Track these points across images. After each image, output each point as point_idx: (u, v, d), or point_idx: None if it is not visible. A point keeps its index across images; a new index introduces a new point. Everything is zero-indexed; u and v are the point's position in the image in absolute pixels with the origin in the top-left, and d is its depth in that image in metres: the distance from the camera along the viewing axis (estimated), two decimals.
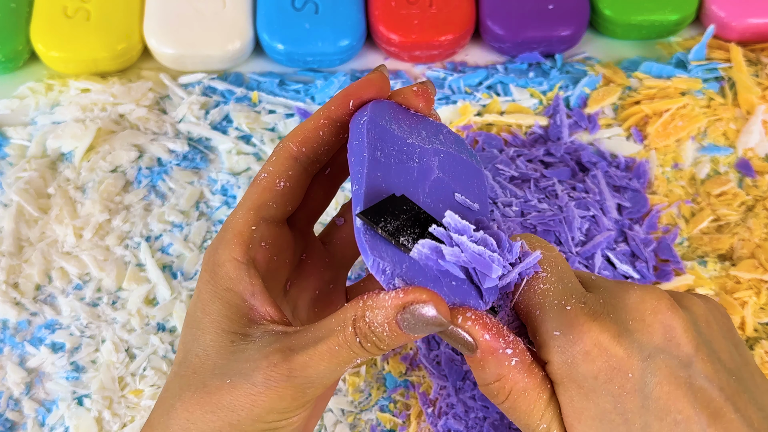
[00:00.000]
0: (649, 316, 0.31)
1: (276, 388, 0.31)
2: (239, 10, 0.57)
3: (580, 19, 0.57)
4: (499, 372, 0.32)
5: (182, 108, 0.56)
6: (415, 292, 0.30)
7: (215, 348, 0.33)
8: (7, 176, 0.53)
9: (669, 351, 0.31)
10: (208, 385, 0.32)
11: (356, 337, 0.31)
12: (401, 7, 0.57)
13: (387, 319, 0.30)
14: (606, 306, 0.32)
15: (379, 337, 0.31)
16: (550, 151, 0.54)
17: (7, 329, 0.49)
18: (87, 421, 0.47)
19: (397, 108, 0.36)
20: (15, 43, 0.56)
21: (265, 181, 0.36)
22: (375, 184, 0.32)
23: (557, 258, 0.33)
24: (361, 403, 0.47)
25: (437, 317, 0.30)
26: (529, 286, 0.32)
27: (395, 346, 0.32)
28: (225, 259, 0.34)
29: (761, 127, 0.55)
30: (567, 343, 0.31)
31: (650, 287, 0.32)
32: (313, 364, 0.31)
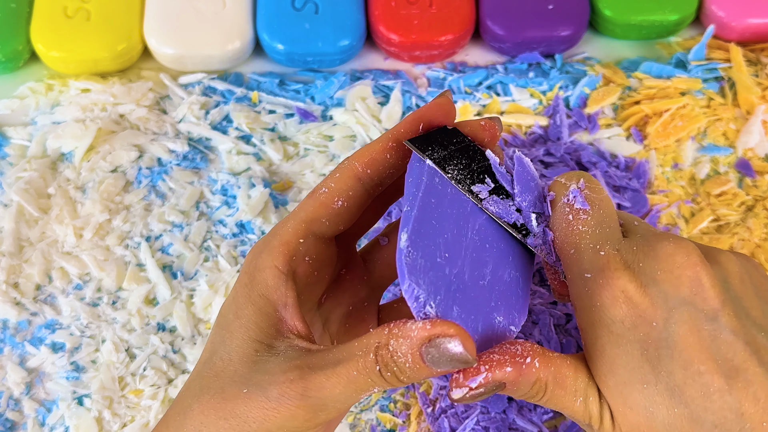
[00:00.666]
0: (678, 269, 0.32)
1: (289, 405, 0.31)
2: (239, 10, 0.57)
3: (580, 19, 0.57)
4: (530, 381, 0.32)
5: (182, 108, 0.56)
6: (443, 325, 0.30)
7: (239, 354, 0.33)
8: (7, 176, 0.53)
9: (695, 304, 0.31)
10: (225, 392, 0.32)
11: (376, 365, 0.30)
12: (401, 7, 0.57)
13: (411, 350, 0.30)
14: (638, 254, 0.32)
15: (401, 368, 0.30)
16: (550, 151, 0.54)
17: (7, 329, 0.49)
18: (87, 421, 0.47)
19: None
20: (15, 43, 0.56)
21: (323, 196, 0.35)
22: (427, 209, 0.32)
23: (602, 201, 0.34)
24: (361, 403, 0.47)
25: (463, 354, 0.30)
26: (568, 224, 0.33)
27: (416, 380, 0.31)
28: (266, 266, 0.34)
29: (761, 127, 0.55)
30: (596, 287, 0.32)
31: (685, 241, 0.33)
32: (329, 386, 0.31)
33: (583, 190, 0.34)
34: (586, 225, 0.33)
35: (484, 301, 0.33)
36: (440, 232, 0.32)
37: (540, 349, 0.33)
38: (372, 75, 0.57)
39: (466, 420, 0.45)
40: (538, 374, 0.32)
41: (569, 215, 0.34)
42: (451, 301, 0.31)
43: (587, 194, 0.34)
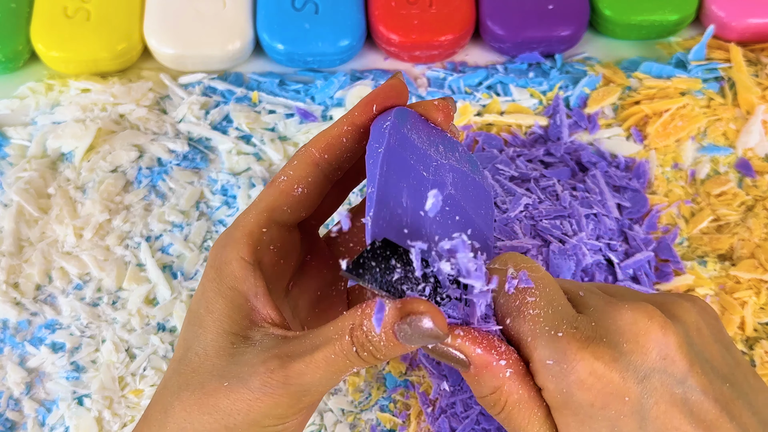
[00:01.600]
0: (643, 337, 0.31)
1: (272, 394, 0.31)
2: (239, 10, 0.57)
3: (580, 19, 0.57)
4: (494, 384, 0.31)
5: (182, 108, 0.56)
6: (413, 303, 0.30)
7: (215, 348, 0.33)
8: (7, 176, 0.53)
9: (664, 369, 0.31)
10: (206, 387, 0.32)
11: (353, 346, 0.31)
12: (401, 7, 0.57)
13: (384, 329, 0.30)
14: (598, 329, 0.31)
15: (376, 347, 0.31)
16: (550, 151, 0.54)
17: (7, 329, 0.49)
18: (87, 421, 0.47)
19: (418, 119, 0.36)
20: (15, 43, 0.56)
21: (283, 184, 0.35)
22: (389, 188, 0.32)
23: (544, 279, 0.32)
24: (361, 403, 0.47)
25: (434, 329, 0.30)
26: (518, 311, 0.32)
27: (391, 356, 0.32)
28: (232, 258, 0.34)
29: (761, 127, 0.55)
30: (561, 373, 0.31)
31: (641, 305, 0.32)
32: (309, 372, 0.31)
33: (520, 270, 0.32)
34: (537, 307, 0.32)
35: None
36: (404, 210, 0.33)
37: (523, 368, 0.32)
38: (372, 75, 0.57)
39: (466, 420, 0.45)
40: (503, 384, 0.31)
41: (517, 302, 0.32)
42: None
43: (529, 275, 0.32)
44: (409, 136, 0.35)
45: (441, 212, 0.34)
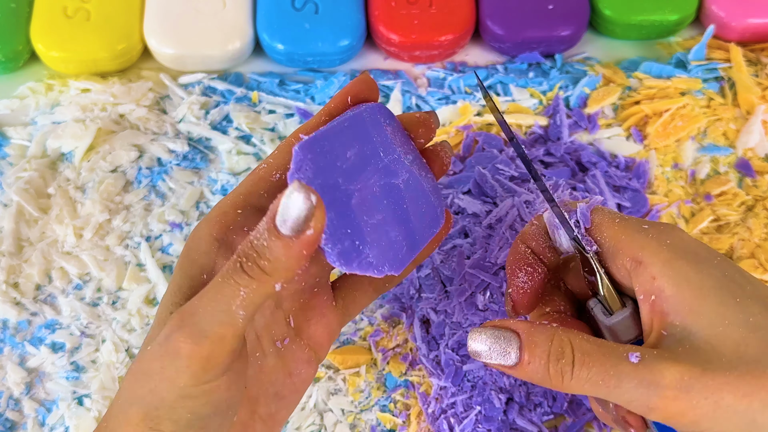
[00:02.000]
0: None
1: (171, 343, 0.30)
2: (239, 10, 0.57)
3: (580, 19, 0.57)
4: (546, 336, 0.33)
5: (182, 108, 0.56)
6: (284, 193, 0.30)
7: (159, 316, 0.34)
8: (7, 176, 0.53)
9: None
10: (142, 354, 0.32)
11: (237, 262, 0.30)
12: (401, 7, 0.57)
13: (267, 225, 0.30)
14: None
15: (260, 251, 0.30)
16: (550, 151, 0.54)
17: (7, 329, 0.49)
18: (87, 421, 0.47)
19: (397, 124, 0.38)
20: (15, 43, 0.56)
21: (262, 171, 0.36)
22: (340, 136, 0.35)
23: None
24: (361, 403, 0.47)
25: (306, 199, 0.29)
26: (609, 222, 0.36)
27: (282, 261, 0.30)
28: (201, 234, 0.35)
29: (761, 127, 0.55)
30: (659, 233, 0.34)
31: None
32: (200, 306, 0.30)
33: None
34: (622, 218, 0.36)
35: (361, 231, 0.34)
36: (343, 162, 0.35)
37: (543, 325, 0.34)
38: (372, 75, 0.57)
39: (465, 420, 0.45)
40: (556, 330, 0.32)
41: (607, 216, 0.36)
42: (330, 204, 0.33)
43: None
44: (381, 122, 0.37)
45: (377, 191, 0.35)
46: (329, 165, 0.34)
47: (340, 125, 0.35)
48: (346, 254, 0.34)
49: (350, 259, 0.34)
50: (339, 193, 0.34)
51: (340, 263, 0.33)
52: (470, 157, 0.53)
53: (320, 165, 0.34)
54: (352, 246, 0.34)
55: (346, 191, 0.35)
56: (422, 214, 0.37)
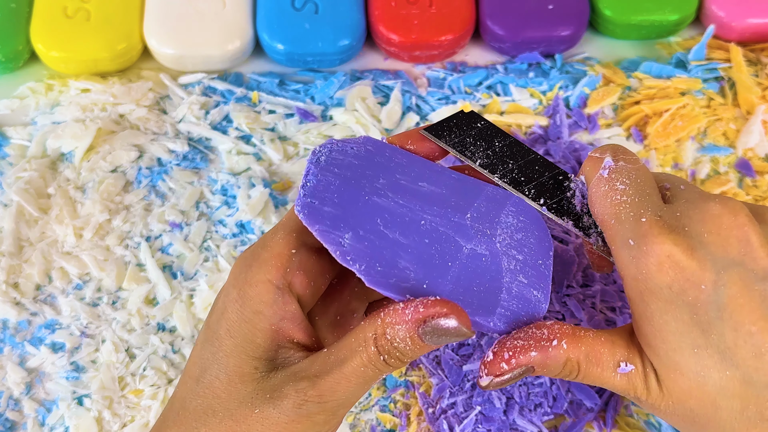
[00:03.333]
0: (725, 230, 0.31)
1: (308, 414, 0.31)
2: (239, 10, 0.57)
3: (580, 19, 0.57)
4: (560, 362, 0.33)
5: (182, 108, 0.56)
6: (434, 305, 0.30)
7: (239, 374, 0.33)
8: (7, 176, 0.53)
9: (744, 264, 0.31)
10: (235, 414, 0.32)
11: (380, 355, 0.31)
12: (401, 7, 0.57)
13: (409, 334, 0.31)
14: (682, 218, 0.32)
15: (402, 352, 0.31)
16: (549, 152, 0.54)
17: (7, 329, 0.49)
18: (87, 421, 0.47)
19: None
20: (15, 43, 0.56)
21: None
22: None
23: (639, 170, 0.34)
24: (361, 403, 0.47)
25: (458, 328, 0.30)
26: (606, 196, 0.33)
27: (418, 356, 0.32)
28: (259, 280, 0.33)
29: (761, 127, 0.55)
30: (641, 254, 0.31)
31: (731, 200, 0.32)
32: (341, 387, 0.31)
33: (618, 161, 0.34)
34: (625, 195, 0.33)
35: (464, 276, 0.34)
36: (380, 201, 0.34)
37: (569, 328, 0.33)
38: (372, 75, 0.57)
39: (465, 420, 0.45)
40: (567, 355, 0.32)
41: (606, 187, 0.33)
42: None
43: (622, 165, 0.34)
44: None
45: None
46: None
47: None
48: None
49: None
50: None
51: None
52: None
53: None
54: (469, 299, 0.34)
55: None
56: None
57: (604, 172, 0.34)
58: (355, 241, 0.33)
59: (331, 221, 0.33)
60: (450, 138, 0.33)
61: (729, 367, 0.31)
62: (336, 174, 0.34)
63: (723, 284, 0.30)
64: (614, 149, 0.35)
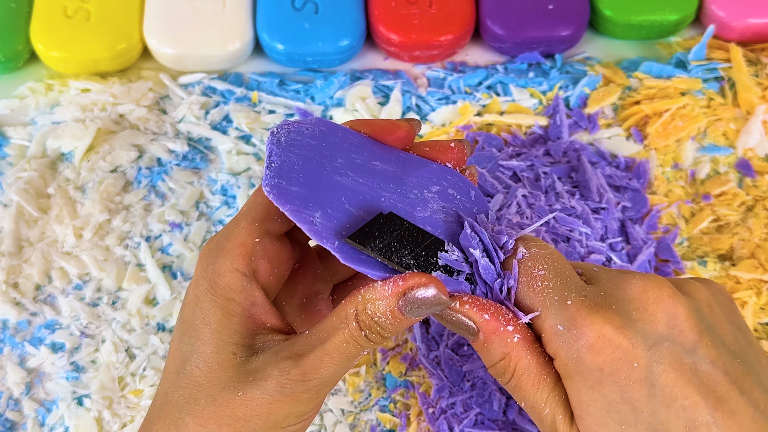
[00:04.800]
0: (652, 305, 0.31)
1: (292, 393, 0.32)
2: (239, 10, 0.57)
3: (580, 19, 0.57)
4: (503, 350, 0.32)
5: (182, 108, 0.56)
6: (413, 277, 0.31)
7: (218, 360, 0.33)
8: (7, 176, 0.53)
9: (673, 338, 0.31)
10: (218, 399, 0.32)
11: (361, 331, 0.32)
12: (401, 7, 0.57)
13: (389, 308, 0.31)
14: (608, 297, 0.32)
15: (383, 327, 0.32)
16: (549, 152, 0.54)
17: (7, 329, 0.49)
18: (87, 421, 0.47)
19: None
20: (15, 43, 0.56)
21: None
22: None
23: (553, 254, 0.33)
24: (361, 403, 0.47)
25: (438, 296, 0.31)
26: (527, 285, 0.32)
27: (399, 331, 0.33)
28: (226, 269, 0.34)
29: (761, 127, 0.55)
30: (571, 338, 0.31)
31: (651, 276, 0.32)
32: (324, 364, 0.32)
33: (530, 249, 0.33)
34: (546, 279, 0.32)
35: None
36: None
37: (531, 335, 0.32)
38: (372, 75, 0.57)
39: (465, 420, 0.45)
40: (511, 349, 0.32)
41: (525, 276, 0.33)
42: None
43: (536, 252, 0.33)
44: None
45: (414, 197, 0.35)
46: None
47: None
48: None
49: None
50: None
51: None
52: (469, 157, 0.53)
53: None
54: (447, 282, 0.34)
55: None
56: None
57: (519, 260, 0.33)
58: (325, 220, 0.33)
59: (300, 201, 0.33)
60: (374, 245, 0.33)
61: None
62: (297, 154, 0.35)
63: (655, 360, 0.30)
64: (524, 239, 0.34)
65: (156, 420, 0.34)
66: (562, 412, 0.32)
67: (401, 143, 0.37)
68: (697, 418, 0.30)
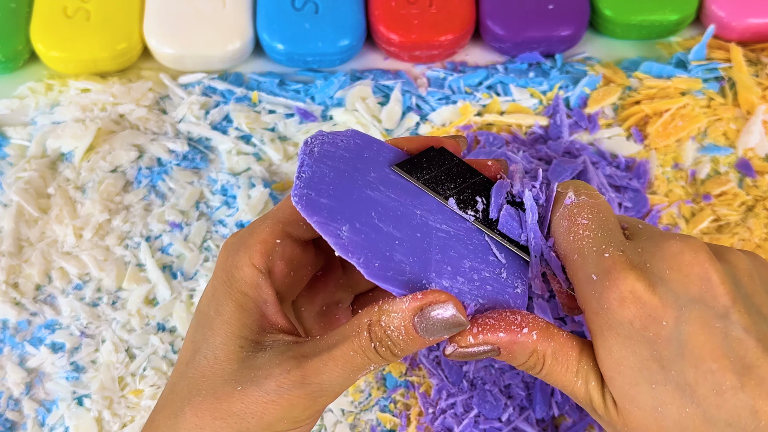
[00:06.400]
0: (686, 267, 0.31)
1: (288, 396, 0.31)
2: (239, 10, 0.57)
3: (580, 19, 0.57)
4: (527, 351, 0.32)
5: (182, 108, 0.56)
6: (432, 294, 0.31)
7: (225, 352, 0.33)
8: (7, 176, 0.53)
9: (705, 302, 0.31)
10: (218, 391, 0.32)
11: (371, 342, 0.31)
12: (401, 7, 0.57)
13: (404, 322, 0.31)
14: (644, 255, 0.32)
15: (395, 342, 0.31)
16: (549, 152, 0.54)
17: (7, 329, 0.49)
18: (87, 421, 0.47)
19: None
20: (15, 43, 0.56)
21: None
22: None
23: (600, 205, 0.34)
24: (361, 403, 0.47)
25: (455, 317, 0.31)
26: (568, 231, 0.33)
27: (410, 352, 0.32)
28: (244, 263, 0.34)
29: (761, 127, 0.55)
30: (603, 289, 0.31)
31: (692, 239, 0.32)
32: (327, 370, 0.31)
33: (579, 195, 0.34)
34: (587, 230, 0.33)
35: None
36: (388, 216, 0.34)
37: (543, 322, 0.33)
38: (372, 75, 0.57)
39: (465, 420, 0.45)
40: (535, 346, 0.32)
41: (568, 222, 0.33)
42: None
43: (584, 200, 0.34)
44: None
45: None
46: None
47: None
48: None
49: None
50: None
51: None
52: (468, 155, 0.53)
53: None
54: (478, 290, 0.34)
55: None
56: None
57: (566, 205, 0.34)
58: (352, 234, 0.33)
59: (328, 213, 0.33)
60: (421, 175, 0.33)
61: (689, 404, 0.30)
62: (330, 166, 0.34)
63: (684, 321, 0.30)
64: (576, 185, 0.34)
65: (159, 410, 0.34)
66: (593, 377, 0.32)
67: None
68: (724, 383, 0.30)
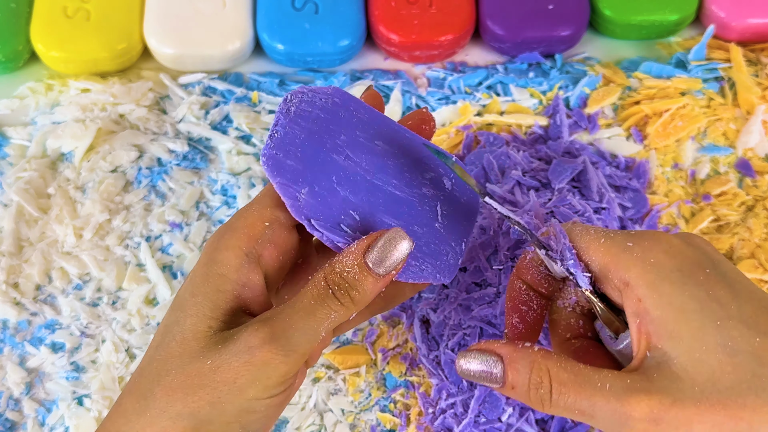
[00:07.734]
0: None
1: (259, 352, 0.32)
2: (239, 10, 0.57)
3: (580, 19, 0.57)
4: (528, 361, 0.33)
5: (182, 108, 0.56)
6: (378, 232, 0.33)
7: (193, 332, 0.33)
8: (7, 176, 0.53)
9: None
10: (187, 368, 0.32)
11: (329, 289, 0.33)
12: (401, 7, 0.57)
13: (356, 261, 0.32)
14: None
15: (351, 283, 0.33)
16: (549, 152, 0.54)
17: (7, 329, 0.49)
18: (87, 421, 0.47)
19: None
20: (15, 43, 0.56)
21: None
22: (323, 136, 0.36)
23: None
24: (361, 403, 0.47)
25: (402, 241, 0.33)
26: (585, 231, 0.35)
27: (367, 296, 0.33)
28: (228, 245, 0.34)
29: (761, 127, 0.55)
30: (644, 250, 0.33)
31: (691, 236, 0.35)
32: (292, 322, 0.32)
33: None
34: (596, 228, 0.36)
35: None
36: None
37: (544, 350, 0.33)
38: (372, 75, 0.57)
39: (465, 420, 0.45)
40: (536, 357, 0.32)
41: (581, 228, 0.36)
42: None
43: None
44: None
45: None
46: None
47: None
48: None
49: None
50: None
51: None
52: (470, 154, 0.53)
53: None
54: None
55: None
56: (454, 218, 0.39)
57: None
58: (309, 197, 0.34)
59: (291, 175, 0.34)
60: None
61: (757, 334, 0.31)
62: (302, 127, 0.35)
63: (726, 270, 0.32)
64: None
65: (127, 394, 0.34)
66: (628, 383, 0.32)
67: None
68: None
